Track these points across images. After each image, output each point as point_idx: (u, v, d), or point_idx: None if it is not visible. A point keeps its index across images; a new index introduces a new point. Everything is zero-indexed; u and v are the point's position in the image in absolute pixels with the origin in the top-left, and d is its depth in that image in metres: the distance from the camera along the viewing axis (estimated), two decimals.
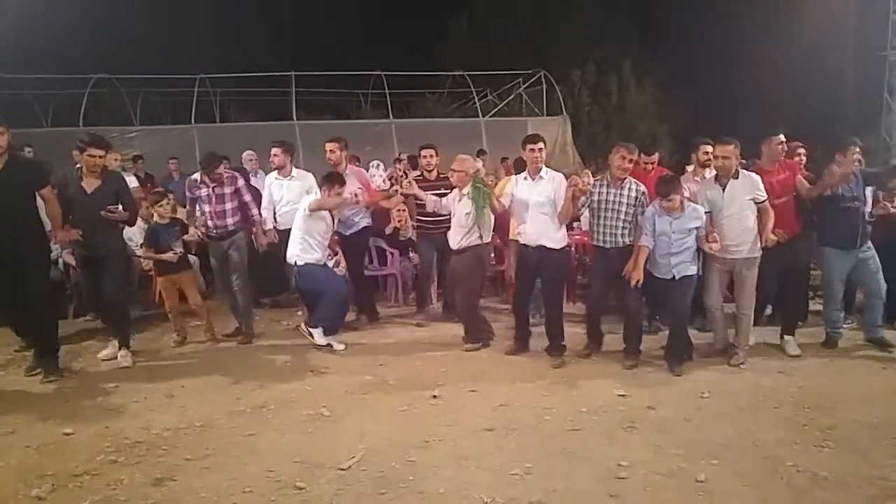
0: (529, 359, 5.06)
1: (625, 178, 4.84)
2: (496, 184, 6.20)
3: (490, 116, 15.19)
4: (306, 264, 5.36)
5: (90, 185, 4.88)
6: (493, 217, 5.22)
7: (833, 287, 5.16)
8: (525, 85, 16.23)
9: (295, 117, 13.97)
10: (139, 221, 5.75)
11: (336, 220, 5.68)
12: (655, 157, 5.80)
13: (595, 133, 16.92)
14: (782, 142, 5.05)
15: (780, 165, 5.08)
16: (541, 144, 4.97)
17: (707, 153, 5.46)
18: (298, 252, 5.37)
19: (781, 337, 5.18)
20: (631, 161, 4.87)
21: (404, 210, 6.79)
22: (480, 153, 12.87)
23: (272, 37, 21.93)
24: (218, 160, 5.71)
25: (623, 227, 4.79)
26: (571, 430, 3.77)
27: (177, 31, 19.90)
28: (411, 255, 6.86)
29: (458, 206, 5.20)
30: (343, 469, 3.33)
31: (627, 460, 3.37)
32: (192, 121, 13.38)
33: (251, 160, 7.94)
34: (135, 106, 15.74)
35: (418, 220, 6.34)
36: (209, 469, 3.38)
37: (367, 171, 7.97)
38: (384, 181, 7.54)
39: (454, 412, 4.05)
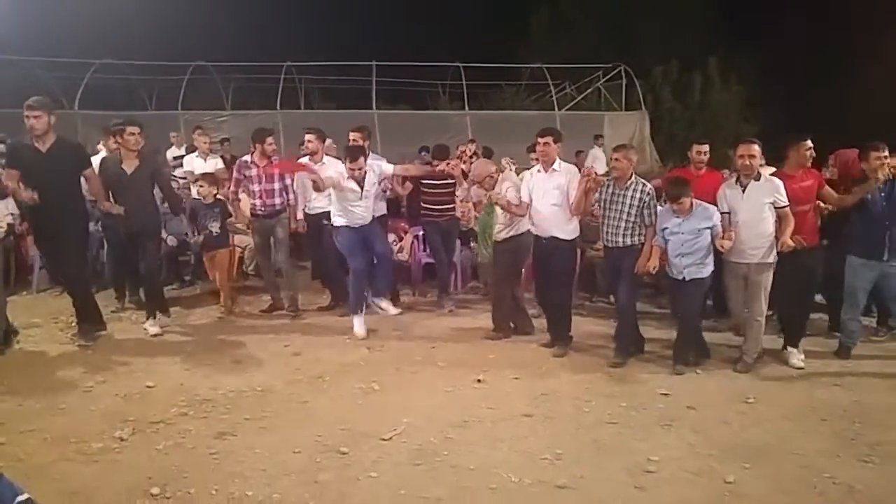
0: (577, 353, 5.15)
1: (630, 178, 4.84)
2: None
3: (566, 110, 15.10)
4: (338, 227, 5.63)
5: (130, 165, 5.31)
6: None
7: (856, 296, 4.99)
8: (604, 79, 16.02)
9: (374, 106, 14.38)
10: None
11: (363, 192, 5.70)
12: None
13: (676, 130, 16.50)
14: (810, 147, 4.85)
15: (804, 172, 4.87)
16: (548, 139, 5.01)
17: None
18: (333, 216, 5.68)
19: (784, 348, 5.00)
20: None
21: (468, 201, 6.99)
22: (597, 138, 12.89)
23: (355, 28, 22.59)
24: (267, 133, 6.04)
25: (626, 228, 4.79)
26: (608, 423, 3.87)
27: (267, 21, 20.83)
28: (472, 245, 7.05)
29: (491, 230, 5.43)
30: (385, 439, 3.58)
31: (658, 456, 3.45)
32: (278, 107, 13.99)
33: (329, 147, 8.32)
34: (227, 92, 16.63)
35: (423, 208, 6.46)
36: (265, 429, 3.72)
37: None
38: None
39: (496, 397, 4.23)
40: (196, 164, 7.99)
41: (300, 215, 6.14)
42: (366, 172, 5.47)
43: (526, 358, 5.03)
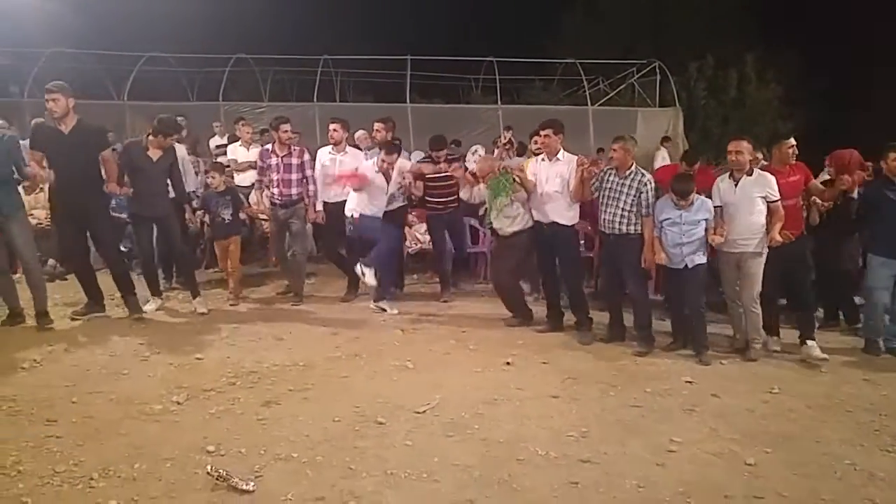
0: (604, 342, 5.29)
1: (630, 168, 5.03)
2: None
3: (598, 105, 15.13)
4: (361, 216, 5.90)
5: (155, 154, 5.60)
6: (514, 204, 5.46)
7: (873, 295, 5.13)
8: (638, 75, 16.00)
9: (408, 100, 14.60)
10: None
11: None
12: (696, 165, 6.14)
13: (710, 127, 16.41)
14: (792, 145, 5.14)
15: (791, 168, 5.12)
16: (549, 130, 5.30)
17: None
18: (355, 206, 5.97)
19: (803, 343, 5.03)
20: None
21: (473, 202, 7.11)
22: (665, 140, 12.95)
23: (391, 22, 22.86)
24: (282, 120, 6.25)
25: (622, 216, 5.00)
26: (632, 406, 4.02)
27: (305, 15, 21.23)
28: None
29: (489, 196, 5.57)
30: (419, 412, 3.80)
31: (680, 437, 3.59)
32: (315, 99, 14.30)
33: (364, 139, 8.57)
34: (265, 84, 17.02)
35: (427, 202, 6.58)
36: (307, 399, 3.97)
37: (469, 154, 8.40)
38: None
39: (524, 379, 4.42)
40: (239, 153, 8.31)
41: (319, 206, 6.30)
42: (394, 167, 5.79)
43: (554, 344, 5.21)
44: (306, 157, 6.25)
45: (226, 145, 9.11)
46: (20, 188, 5.68)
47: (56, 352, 4.61)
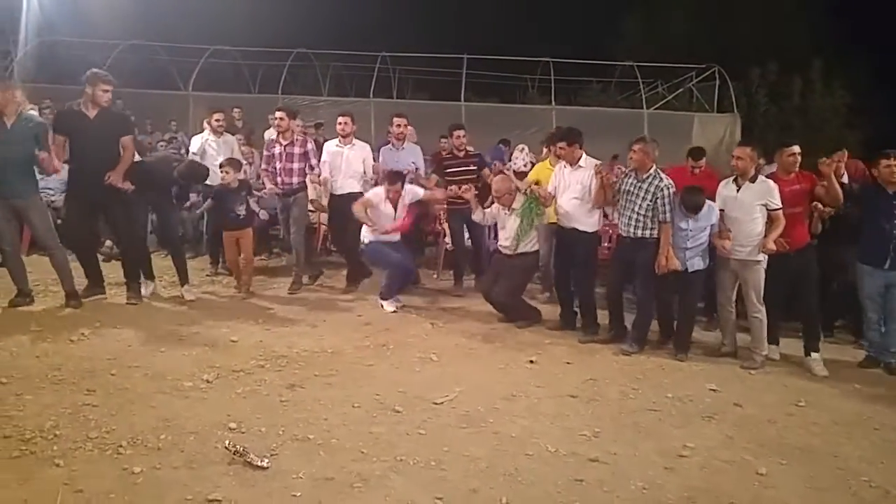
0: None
1: (649, 171, 4.98)
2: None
3: (654, 109, 14.86)
4: (368, 242, 6.02)
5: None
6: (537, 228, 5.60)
7: (865, 305, 5.00)
8: (697, 79, 15.64)
9: (462, 98, 14.69)
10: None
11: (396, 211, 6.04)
12: (703, 161, 6.02)
13: (770, 135, 15.85)
14: (794, 153, 4.99)
15: (796, 176, 4.99)
16: (562, 144, 5.41)
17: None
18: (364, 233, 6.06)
19: (807, 355, 4.97)
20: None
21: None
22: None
23: (449, 21, 23.01)
24: (280, 108, 6.41)
25: (637, 220, 4.97)
26: (649, 410, 4.01)
27: (365, 12, 21.62)
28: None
29: (510, 220, 5.59)
30: (436, 403, 3.90)
31: (694, 443, 3.57)
32: (371, 95, 14.57)
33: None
34: (324, 79, 17.44)
35: (449, 199, 6.54)
36: (331, 385, 4.12)
37: (517, 152, 8.42)
38: (525, 165, 7.92)
39: (545, 377, 4.46)
40: None
41: (325, 201, 6.51)
42: (401, 195, 5.92)
43: (581, 347, 5.21)
44: (309, 146, 6.42)
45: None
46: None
47: (103, 327, 4.91)
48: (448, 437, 3.50)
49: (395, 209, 5.98)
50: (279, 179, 6.34)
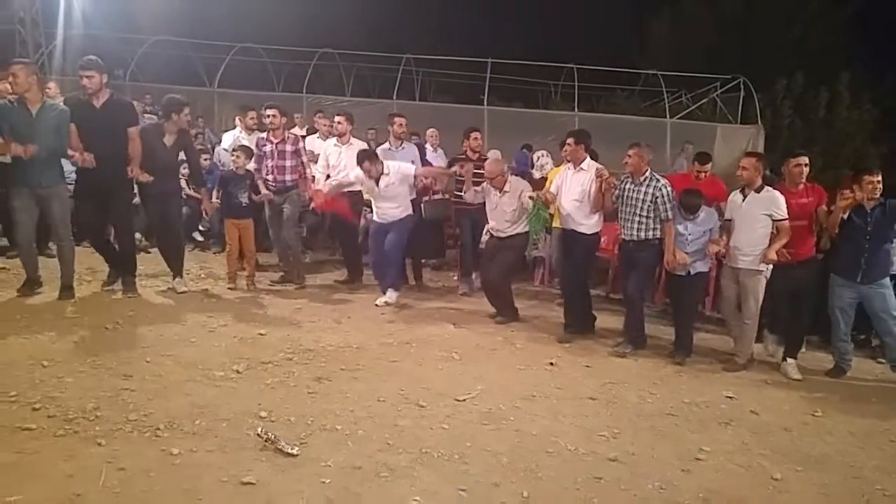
0: (649, 351, 5.32)
1: (645, 175, 5.08)
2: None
3: (677, 118, 14.86)
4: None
5: (170, 140, 5.81)
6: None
7: (833, 315, 5.06)
8: (721, 90, 15.59)
9: (486, 102, 14.75)
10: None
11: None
12: (709, 166, 6.19)
13: (793, 147, 15.72)
14: (800, 164, 4.99)
15: (805, 189, 5.02)
16: (570, 140, 5.55)
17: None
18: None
19: (784, 359, 5.12)
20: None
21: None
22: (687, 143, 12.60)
23: (473, 24, 23.16)
24: (270, 105, 6.45)
25: (639, 223, 5.10)
26: (667, 414, 4.10)
27: (390, 14, 21.80)
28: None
29: (502, 202, 5.68)
30: (459, 400, 4.01)
31: (710, 447, 3.66)
32: (394, 96, 14.68)
33: (433, 136, 8.90)
34: (348, 79, 17.61)
35: (456, 198, 6.68)
36: (356, 379, 4.25)
37: (537, 159, 8.52)
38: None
39: (565, 379, 4.56)
40: (316, 144, 8.70)
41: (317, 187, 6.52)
42: (381, 174, 6.00)
43: (601, 350, 5.30)
44: (300, 144, 6.54)
45: (304, 136, 9.57)
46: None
47: (137, 317, 5.08)
48: (470, 433, 3.61)
49: (378, 185, 6.04)
50: (271, 177, 6.38)
